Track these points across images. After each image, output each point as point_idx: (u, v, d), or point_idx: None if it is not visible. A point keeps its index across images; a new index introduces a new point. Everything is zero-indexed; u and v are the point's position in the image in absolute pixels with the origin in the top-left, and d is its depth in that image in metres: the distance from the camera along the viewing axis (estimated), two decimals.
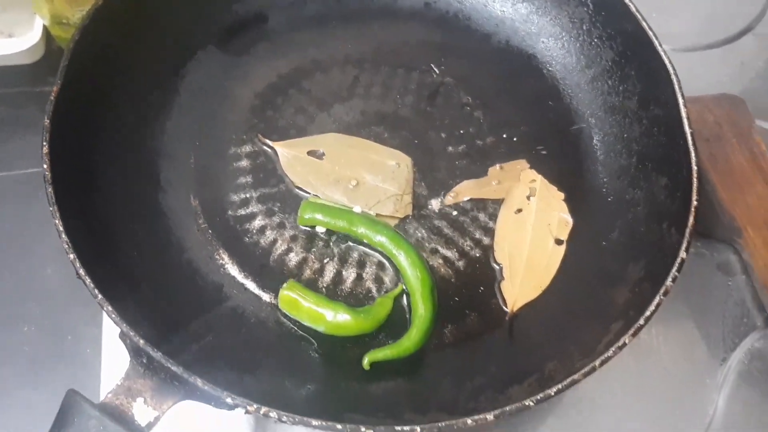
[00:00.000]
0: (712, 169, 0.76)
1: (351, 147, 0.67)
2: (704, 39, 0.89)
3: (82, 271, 0.50)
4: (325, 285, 0.62)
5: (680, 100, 0.61)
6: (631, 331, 0.52)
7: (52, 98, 0.56)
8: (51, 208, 0.52)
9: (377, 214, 0.64)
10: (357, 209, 0.64)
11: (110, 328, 0.64)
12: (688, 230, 0.55)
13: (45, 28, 0.78)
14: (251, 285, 0.61)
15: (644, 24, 0.65)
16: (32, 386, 0.64)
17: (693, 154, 0.58)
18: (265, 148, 0.67)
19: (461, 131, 0.70)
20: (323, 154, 0.67)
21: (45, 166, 0.54)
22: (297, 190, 0.66)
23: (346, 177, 0.65)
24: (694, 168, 0.58)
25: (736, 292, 0.71)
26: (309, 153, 0.67)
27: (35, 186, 0.74)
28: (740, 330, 0.69)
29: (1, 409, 0.62)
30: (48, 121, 0.55)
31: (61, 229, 0.51)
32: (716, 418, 0.64)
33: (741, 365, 0.67)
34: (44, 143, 0.54)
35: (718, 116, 0.79)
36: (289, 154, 0.66)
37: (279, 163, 0.66)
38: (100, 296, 0.49)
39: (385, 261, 0.63)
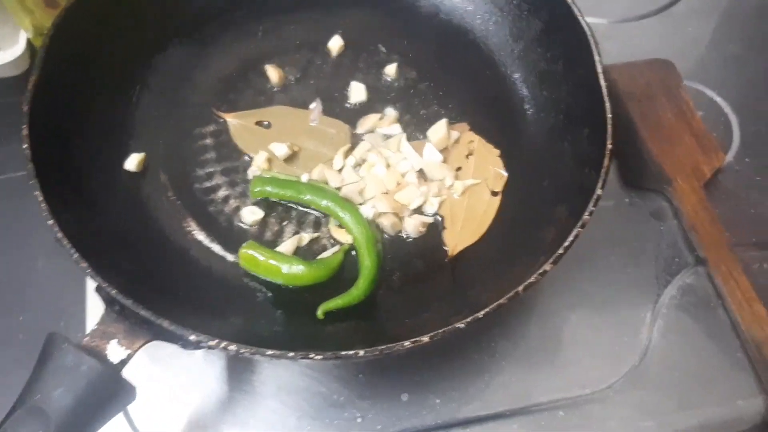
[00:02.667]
0: (643, 126, 0.82)
1: (295, 117, 0.74)
2: (636, 11, 0.95)
3: (59, 234, 0.56)
4: (283, 243, 0.68)
5: (596, 59, 0.67)
6: (552, 259, 0.58)
7: (29, 86, 0.63)
8: (31, 182, 0.59)
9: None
10: (305, 178, 0.70)
11: (94, 302, 0.70)
12: (603, 170, 0.61)
13: (29, 41, 0.84)
14: (217, 248, 0.67)
15: None
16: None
17: (607, 104, 0.65)
18: (228, 126, 0.74)
19: (407, 102, 0.76)
20: (269, 124, 0.74)
21: (25, 145, 0.60)
22: None
23: (290, 143, 0.71)
24: (608, 115, 0.64)
25: (668, 236, 0.77)
26: (257, 123, 0.74)
27: (25, 189, 0.80)
28: (672, 269, 0.75)
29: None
30: (27, 106, 0.62)
31: (41, 198, 0.58)
32: (651, 348, 0.70)
33: (673, 300, 0.73)
34: (23, 125, 0.61)
35: (649, 78, 0.86)
36: (238, 124, 0.73)
37: None
38: (76, 254, 0.55)
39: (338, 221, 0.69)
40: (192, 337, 0.53)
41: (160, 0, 0.76)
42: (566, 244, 0.58)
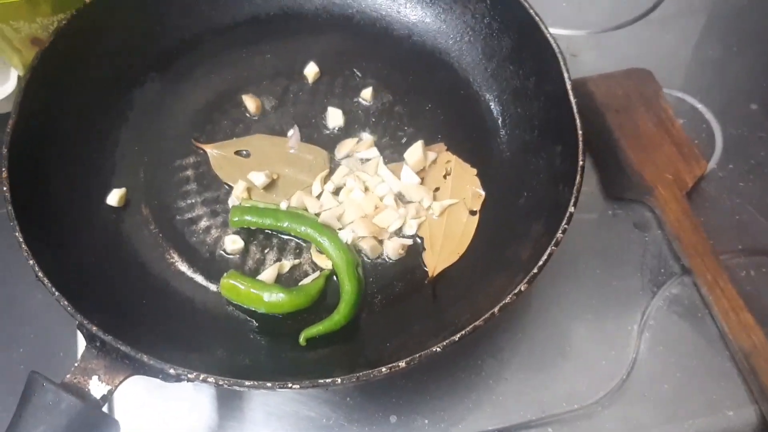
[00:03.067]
0: (622, 137, 0.82)
1: (273, 145, 0.75)
2: (613, 21, 0.96)
3: (40, 274, 0.57)
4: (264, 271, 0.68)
5: (565, 74, 0.68)
6: (526, 279, 0.58)
7: (8, 129, 0.64)
8: (11, 223, 0.60)
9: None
10: (283, 205, 0.71)
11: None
12: (575, 186, 0.62)
13: (20, 78, 0.86)
14: (199, 278, 0.68)
15: (531, 11, 0.72)
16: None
17: (577, 120, 0.65)
18: (207, 157, 0.75)
19: (384, 125, 0.77)
20: (248, 153, 0.75)
21: (5, 188, 0.61)
22: None
23: (268, 172, 0.72)
24: (579, 132, 0.65)
25: (653, 246, 0.77)
26: (236, 153, 0.75)
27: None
28: (658, 279, 0.75)
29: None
30: (6, 149, 0.63)
31: (21, 239, 0.59)
32: (638, 361, 0.70)
33: (660, 311, 0.73)
34: (2, 169, 0.62)
35: (627, 89, 0.86)
36: (218, 154, 0.74)
37: None
38: (57, 293, 0.56)
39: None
40: (171, 371, 0.54)
41: (134, 35, 0.78)
42: (540, 263, 0.59)
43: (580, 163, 0.63)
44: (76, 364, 0.55)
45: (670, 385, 0.69)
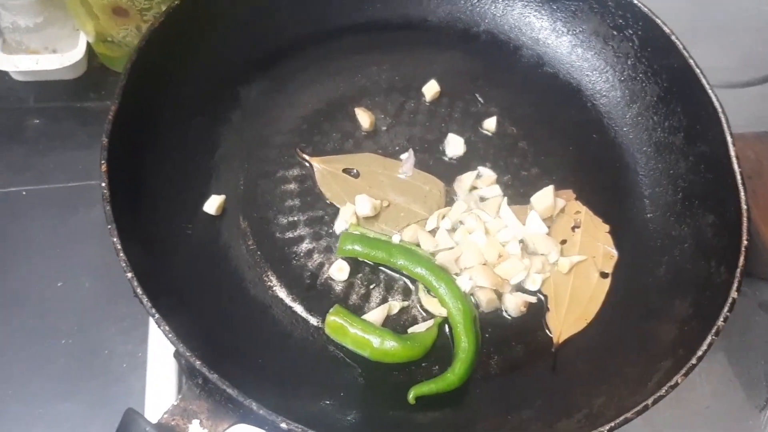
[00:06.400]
0: (754, 205, 0.75)
1: (385, 168, 0.68)
2: (743, 76, 0.89)
3: (139, 290, 0.51)
4: (371, 311, 0.62)
5: (728, 138, 0.61)
6: (683, 371, 0.52)
7: (110, 117, 0.57)
8: (109, 226, 0.53)
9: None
10: (396, 238, 0.64)
11: (156, 347, 0.65)
12: (738, 270, 0.56)
13: (88, 45, 0.79)
14: (299, 308, 0.61)
15: (691, 61, 0.65)
16: (66, 398, 0.65)
17: (742, 193, 0.59)
18: (313, 171, 0.68)
19: (506, 161, 0.70)
20: (358, 173, 0.68)
21: (103, 184, 0.55)
22: None
23: (378, 196, 0.66)
24: (744, 207, 0.58)
25: None
26: (344, 171, 0.68)
27: (73, 199, 0.76)
28: None
29: (35, 419, 0.63)
30: (106, 139, 0.56)
31: (119, 247, 0.52)
32: None
33: None
34: (102, 161, 0.55)
35: (759, 153, 0.80)
36: (324, 170, 0.68)
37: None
38: (157, 315, 0.50)
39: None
40: (283, 425, 0.47)
41: (245, 28, 0.71)
42: (699, 354, 0.52)
43: (744, 242, 0.57)
44: (174, 403, 0.49)
45: None
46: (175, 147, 0.64)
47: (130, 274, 0.51)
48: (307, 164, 0.68)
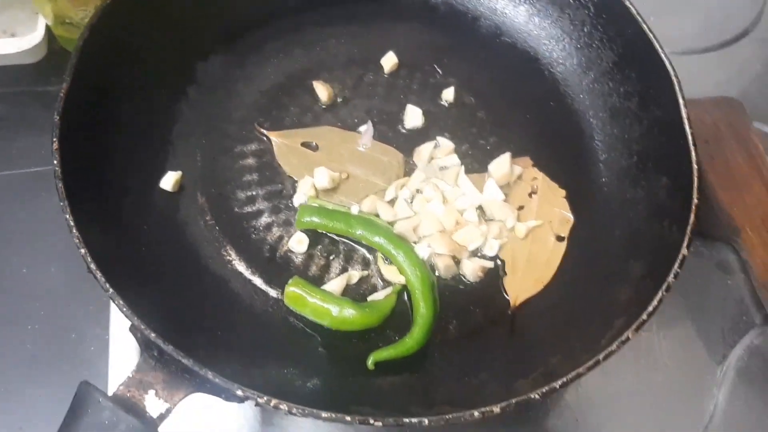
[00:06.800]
0: (710, 170, 0.77)
1: (344, 140, 0.68)
2: (701, 42, 0.90)
3: (93, 266, 0.51)
4: (330, 281, 0.62)
5: (681, 101, 0.62)
6: (634, 326, 0.52)
7: (61, 95, 0.57)
8: (62, 203, 0.53)
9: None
10: (355, 210, 0.64)
11: (118, 326, 0.65)
12: (689, 228, 0.56)
13: (47, 27, 0.78)
14: (258, 281, 0.61)
15: (645, 26, 0.66)
16: (35, 383, 0.64)
17: (693, 154, 0.60)
18: (271, 146, 0.68)
19: (464, 131, 0.71)
20: (317, 146, 0.68)
21: (55, 161, 0.54)
22: None
23: (337, 169, 0.66)
24: (695, 167, 0.59)
25: (735, 291, 0.72)
26: (303, 144, 0.68)
27: (38, 185, 0.75)
28: (739, 328, 0.70)
29: (6, 404, 0.62)
30: (58, 117, 0.56)
31: (72, 224, 0.52)
32: (716, 414, 0.65)
33: (740, 362, 0.68)
34: (54, 139, 0.55)
35: (717, 118, 0.81)
36: (282, 143, 0.68)
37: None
38: (111, 290, 0.50)
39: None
40: (239, 392, 0.48)
41: (201, 2, 0.70)
42: (650, 309, 0.53)
43: (695, 201, 0.58)
44: (129, 375, 0.49)
45: None
46: (131, 123, 0.63)
47: (83, 250, 0.51)
48: (266, 139, 0.68)
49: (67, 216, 0.52)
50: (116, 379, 0.62)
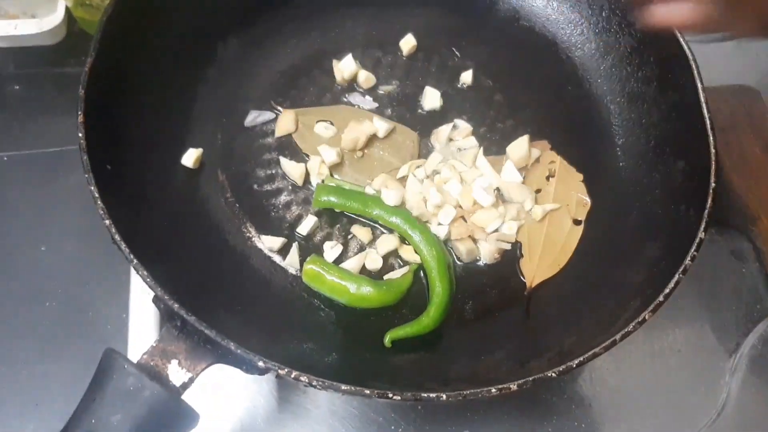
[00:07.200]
0: (726, 157, 0.77)
1: (360, 120, 0.68)
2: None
3: (117, 237, 0.51)
4: (348, 259, 0.63)
5: (699, 86, 0.62)
6: (650, 308, 0.53)
7: (86, 69, 0.57)
8: (86, 175, 0.53)
9: None
10: (370, 190, 0.65)
11: (138, 301, 0.65)
12: (706, 211, 0.57)
13: (67, 9, 0.79)
14: (277, 258, 0.62)
15: None
16: (52, 360, 0.65)
17: (711, 138, 0.60)
18: None
19: (482, 113, 0.71)
20: (332, 124, 0.68)
21: (80, 134, 0.55)
22: None
23: (339, 150, 0.66)
24: (712, 151, 0.59)
25: (749, 279, 0.72)
26: (318, 122, 0.68)
27: (55, 165, 0.75)
28: (753, 316, 0.70)
29: (22, 381, 0.64)
30: (83, 91, 0.56)
31: (96, 195, 0.52)
32: (729, 402, 0.66)
33: (753, 351, 0.68)
34: (79, 112, 0.55)
35: (734, 106, 0.81)
36: (299, 122, 0.68)
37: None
38: (135, 260, 0.50)
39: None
40: (260, 363, 0.48)
41: None
42: (666, 291, 0.54)
43: (712, 185, 0.58)
44: (153, 344, 0.49)
45: (763, 430, 0.64)
46: (153, 100, 0.64)
47: (108, 221, 0.52)
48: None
49: (92, 188, 0.53)
50: (136, 353, 0.63)
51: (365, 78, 0.70)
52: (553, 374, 0.50)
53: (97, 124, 0.56)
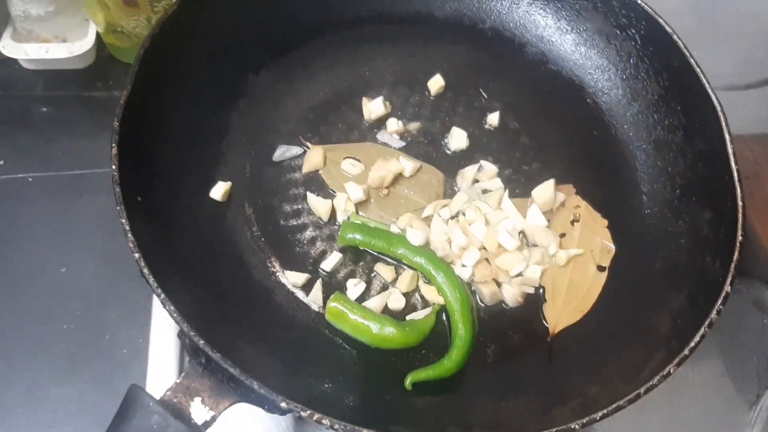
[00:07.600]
0: (750, 206, 0.76)
1: (387, 158, 0.69)
2: (744, 78, 0.90)
3: (146, 270, 0.52)
4: (371, 298, 0.63)
5: (727, 137, 0.62)
6: (675, 361, 0.53)
7: (122, 101, 0.58)
8: (118, 208, 0.54)
9: None
10: (395, 229, 0.65)
11: (158, 331, 0.66)
12: (732, 264, 0.57)
13: (98, 34, 0.80)
14: (300, 294, 0.62)
15: (692, 60, 0.66)
16: (68, 381, 0.65)
17: (739, 190, 0.60)
18: None
19: (508, 155, 0.71)
20: (359, 161, 0.69)
21: (114, 167, 0.56)
22: None
23: (365, 187, 0.67)
24: (740, 203, 0.59)
25: None
26: (346, 159, 0.69)
27: (79, 187, 0.76)
28: None
29: (35, 403, 0.64)
30: (117, 123, 0.57)
31: (127, 228, 0.53)
32: None
33: None
34: (113, 145, 0.56)
35: (757, 154, 0.81)
36: (327, 158, 0.69)
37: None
38: (163, 295, 0.51)
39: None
40: (283, 404, 0.48)
41: (255, 14, 0.72)
42: (692, 345, 0.53)
43: (739, 238, 0.58)
44: (177, 380, 0.50)
45: None
46: (184, 133, 0.65)
47: (137, 255, 0.52)
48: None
49: (123, 221, 0.53)
50: (154, 383, 0.63)
51: (394, 124, 0.71)
52: (577, 426, 0.49)
53: (130, 155, 0.57)
